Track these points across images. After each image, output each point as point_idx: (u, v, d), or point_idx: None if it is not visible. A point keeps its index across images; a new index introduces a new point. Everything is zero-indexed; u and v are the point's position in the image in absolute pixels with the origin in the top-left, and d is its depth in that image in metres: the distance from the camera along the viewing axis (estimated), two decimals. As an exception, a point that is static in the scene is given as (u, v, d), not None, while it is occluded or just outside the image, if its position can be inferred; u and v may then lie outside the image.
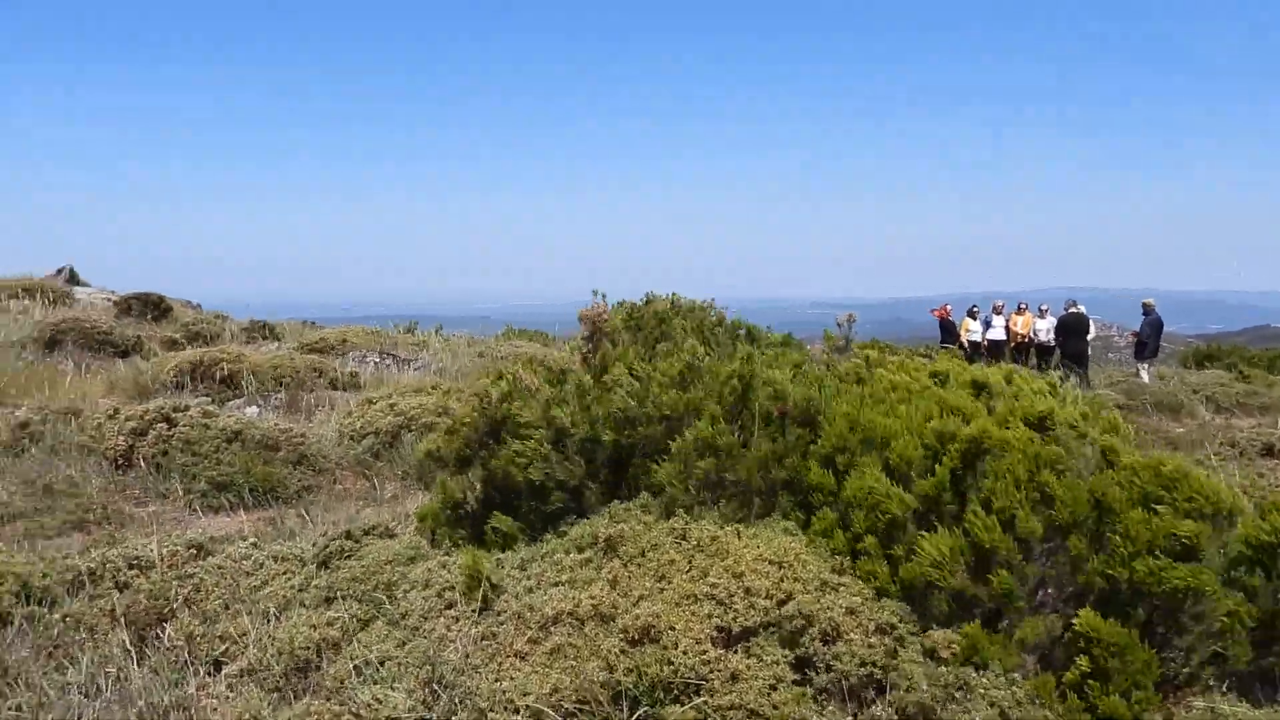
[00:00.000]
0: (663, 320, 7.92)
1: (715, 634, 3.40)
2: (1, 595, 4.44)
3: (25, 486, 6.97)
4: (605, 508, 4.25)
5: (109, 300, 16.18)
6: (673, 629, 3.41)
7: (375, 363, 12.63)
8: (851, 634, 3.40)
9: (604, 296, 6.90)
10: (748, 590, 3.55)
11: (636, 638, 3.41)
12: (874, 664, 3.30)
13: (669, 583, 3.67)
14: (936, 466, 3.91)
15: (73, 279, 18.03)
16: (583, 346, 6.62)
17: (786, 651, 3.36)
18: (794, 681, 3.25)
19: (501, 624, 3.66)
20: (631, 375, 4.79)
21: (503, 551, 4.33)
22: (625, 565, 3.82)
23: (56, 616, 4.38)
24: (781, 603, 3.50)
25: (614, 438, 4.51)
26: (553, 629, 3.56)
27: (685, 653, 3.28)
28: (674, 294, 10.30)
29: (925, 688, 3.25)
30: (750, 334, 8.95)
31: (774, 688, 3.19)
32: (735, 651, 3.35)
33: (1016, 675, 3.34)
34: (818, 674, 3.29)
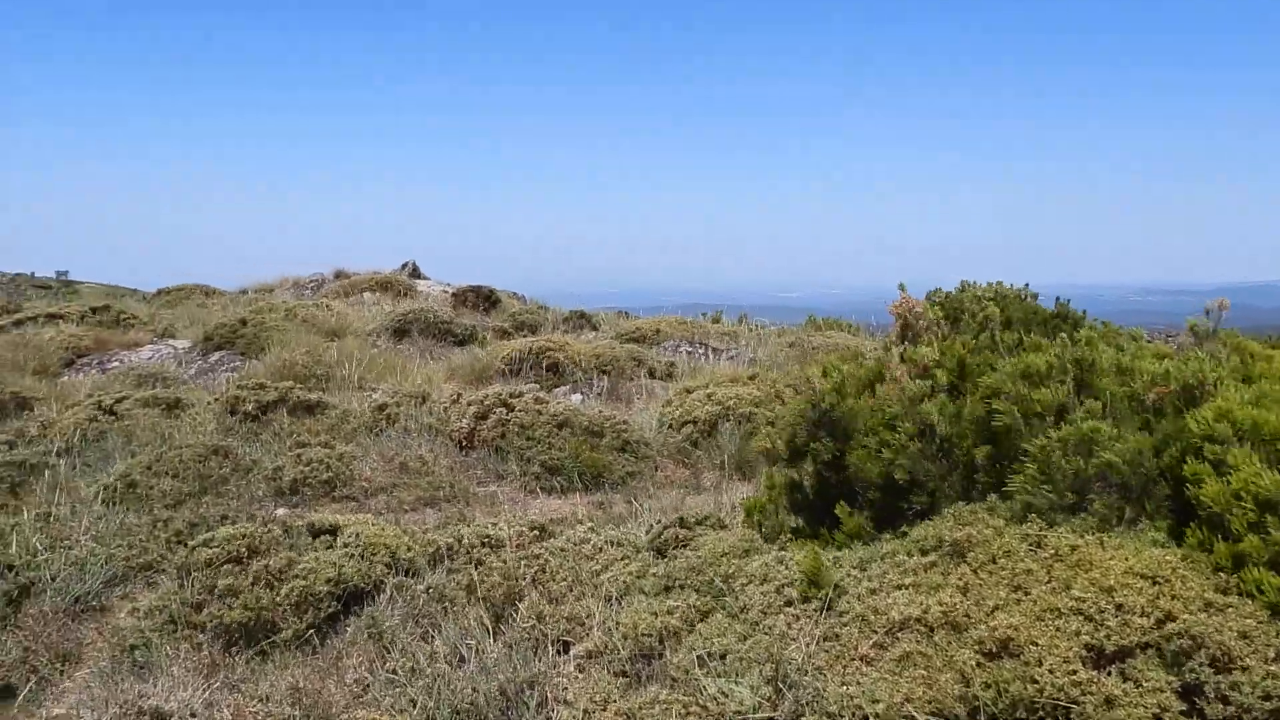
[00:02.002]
0: (983, 310, 7.50)
1: (1084, 653, 3.14)
2: (376, 565, 4.87)
3: (384, 463, 7.65)
4: (949, 509, 4.05)
5: (446, 292, 17.52)
6: (1034, 644, 3.18)
7: (688, 352, 12.87)
8: (1247, 660, 3.03)
9: (916, 290, 6.62)
10: (1119, 607, 3.25)
11: (994, 650, 3.20)
12: (1281, 699, 2.92)
13: (1026, 594, 3.43)
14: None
15: (415, 273, 19.69)
16: (897, 342, 6.38)
17: (1170, 677, 3.04)
18: (1181, 712, 2.94)
19: (844, 625, 3.56)
20: (965, 371, 4.54)
21: (839, 550, 4.23)
22: (975, 572, 3.62)
23: (421, 588, 4.74)
24: (1160, 622, 3.17)
25: (973, 439, 4.28)
26: (899, 634, 3.42)
27: (1051, 671, 3.05)
28: (998, 282, 9.75)
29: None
30: (1075, 322, 8.31)
31: (1158, 717, 2.89)
32: (1108, 673, 3.07)
33: None
34: (1209, 704, 2.95)
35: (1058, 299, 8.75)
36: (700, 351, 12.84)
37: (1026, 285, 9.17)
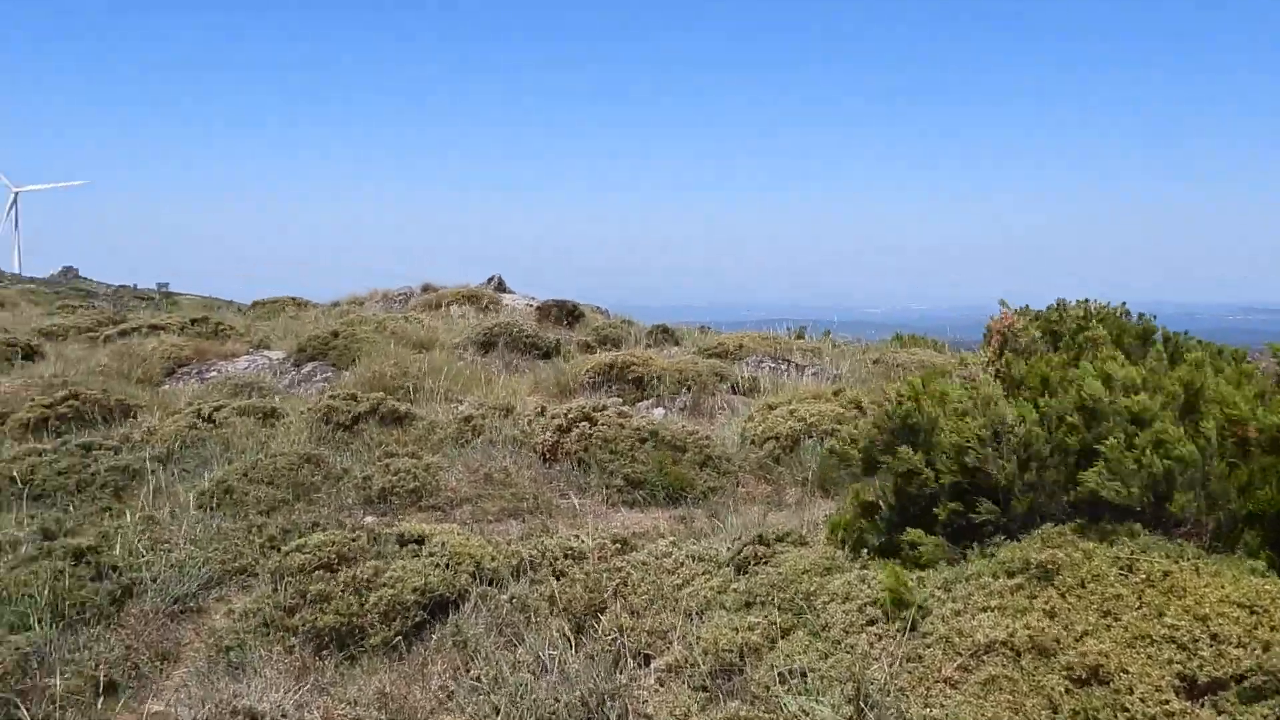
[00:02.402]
0: (1082, 328, 7.33)
1: (1177, 683, 3.06)
2: (461, 574, 4.96)
3: (469, 474, 7.77)
4: (1037, 530, 3.98)
5: (530, 306, 17.74)
6: (1125, 672, 3.11)
7: (770, 368, 12.81)
8: (1353, 699, 2.93)
9: (1012, 306, 6.51)
10: (1214, 636, 3.17)
11: (1083, 677, 3.15)
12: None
13: (1117, 619, 3.36)
14: None
15: (501, 287, 19.98)
16: (992, 359, 6.28)
17: (1265, 711, 2.95)
18: (1279, 748, 2.85)
19: (928, 646, 3.53)
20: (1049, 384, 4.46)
21: (921, 569, 4.18)
22: (1063, 596, 3.55)
23: (504, 597, 4.82)
24: (1258, 654, 3.08)
25: (1048, 448, 4.21)
26: (985, 658, 3.38)
27: (1142, 700, 2.98)
28: (1093, 300, 9.51)
29: None
30: (1173, 342, 8.06)
31: (1255, 753, 2.81)
32: (1202, 705, 3.00)
33: None
34: (1309, 742, 2.86)
35: (1140, 314, 8.52)
36: (783, 367, 12.78)
37: (1124, 304, 8.94)
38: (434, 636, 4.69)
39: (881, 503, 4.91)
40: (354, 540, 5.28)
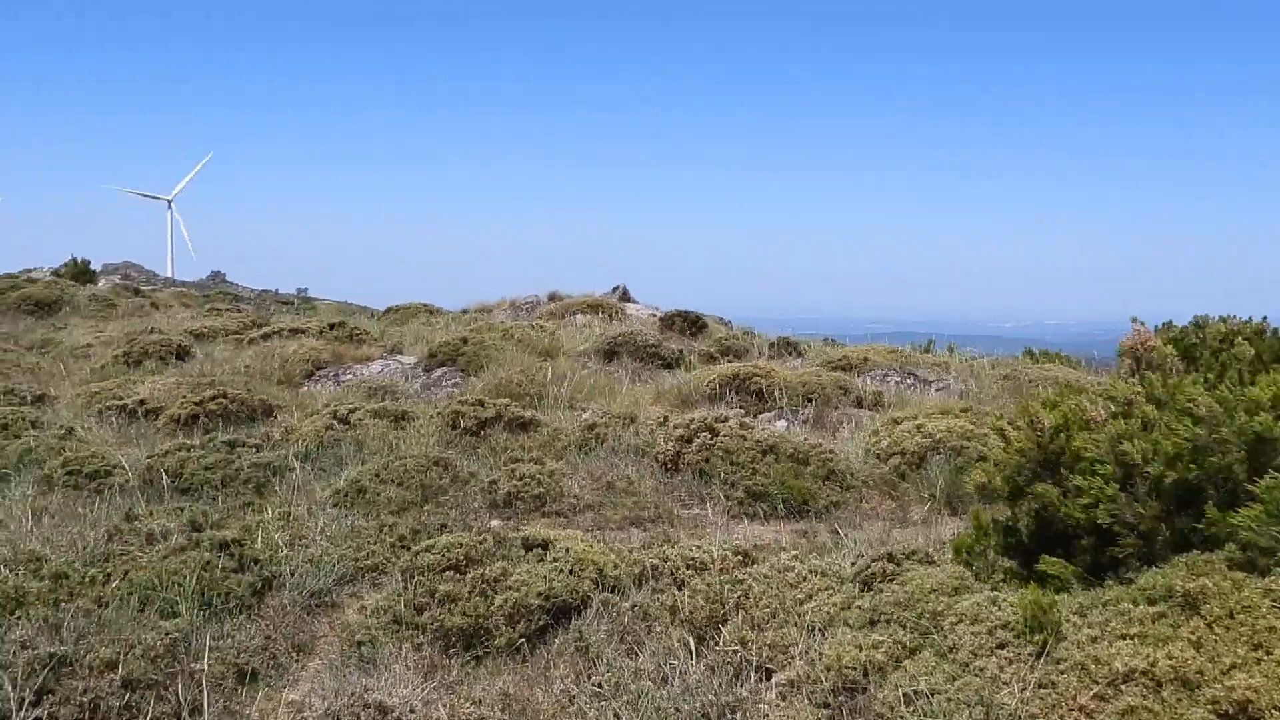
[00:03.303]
0: (1225, 346, 6.99)
1: (1335, 724, 2.89)
2: (584, 580, 5.02)
3: (592, 481, 7.86)
4: (1179, 556, 3.81)
5: (654, 316, 17.85)
6: (1276, 709, 2.96)
7: (896, 382, 12.59)
8: None
9: (1143, 324, 6.24)
10: (1377, 677, 2.98)
11: (1230, 712, 3.00)
12: None
13: (1269, 654, 3.19)
14: None
15: (625, 296, 20.16)
16: (1127, 378, 6.02)
17: None
18: None
19: (1062, 673, 3.41)
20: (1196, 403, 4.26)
21: (1055, 593, 4.05)
22: (1210, 626, 3.39)
23: (626, 605, 4.85)
24: None
25: (1177, 475, 4.04)
26: (1123, 687, 3.25)
27: (1296, 740, 2.83)
28: (1233, 317, 9.06)
29: None
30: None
31: None
32: (1363, 749, 2.82)
33: None
34: None
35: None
36: (909, 381, 12.54)
37: (1265, 318, 8.49)
38: (557, 641, 4.75)
39: (1018, 525, 4.78)
40: (480, 543, 5.40)
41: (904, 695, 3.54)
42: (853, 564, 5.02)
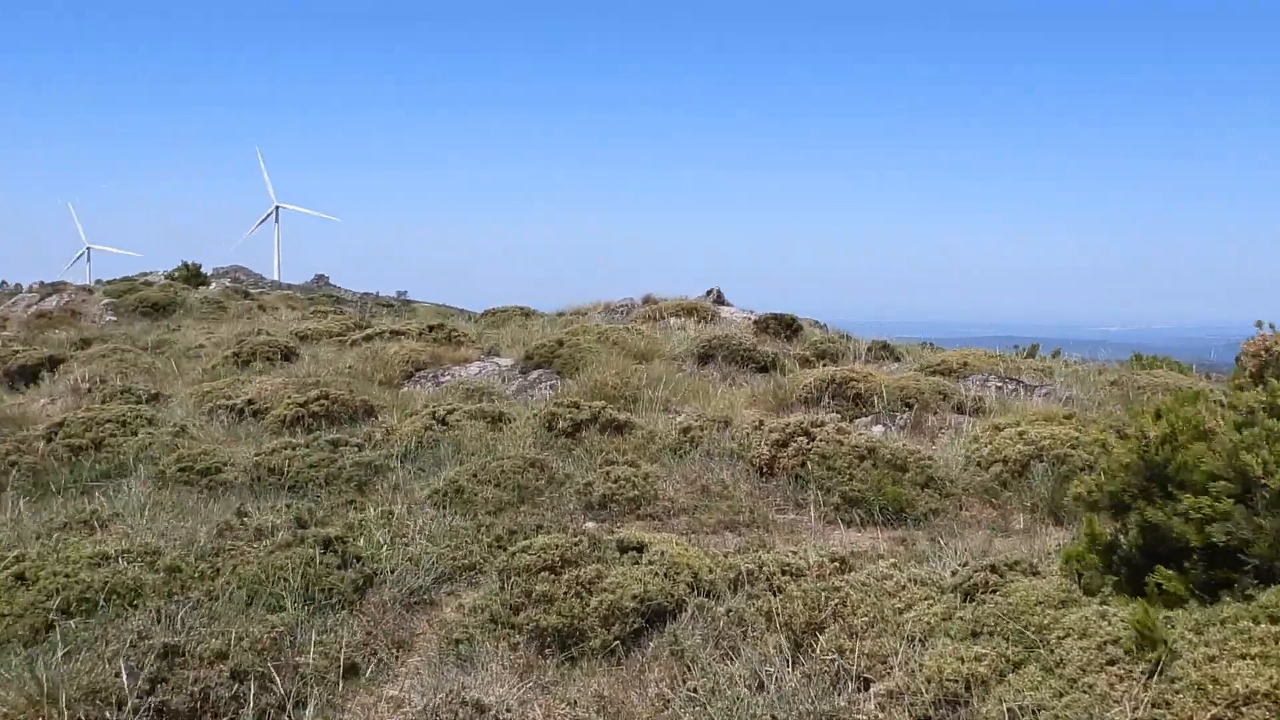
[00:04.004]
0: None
1: None
2: (679, 584, 5.02)
3: (686, 484, 7.84)
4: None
5: (748, 319, 17.74)
6: None
7: (997, 387, 12.29)
8: None
9: (1271, 326, 5.96)
10: None
11: (1360, 740, 2.84)
12: None
13: (1403, 679, 3.02)
14: None
15: (719, 300, 20.10)
16: (1250, 385, 5.77)
17: None
18: None
19: (1177, 693, 3.28)
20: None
21: (1169, 609, 3.89)
22: (1338, 648, 3.23)
23: (721, 609, 4.83)
24: None
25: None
26: (1244, 709, 3.12)
27: None
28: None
29: None
30: None
31: None
32: None
33: None
34: None
35: None
36: (1011, 387, 12.23)
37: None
38: (651, 644, 4.75)
39: (1124, 538, 4.62)
40: (576, 544, 5.43)
41: (1008, 710, 3.44)
42: (953, 573, 4.91)
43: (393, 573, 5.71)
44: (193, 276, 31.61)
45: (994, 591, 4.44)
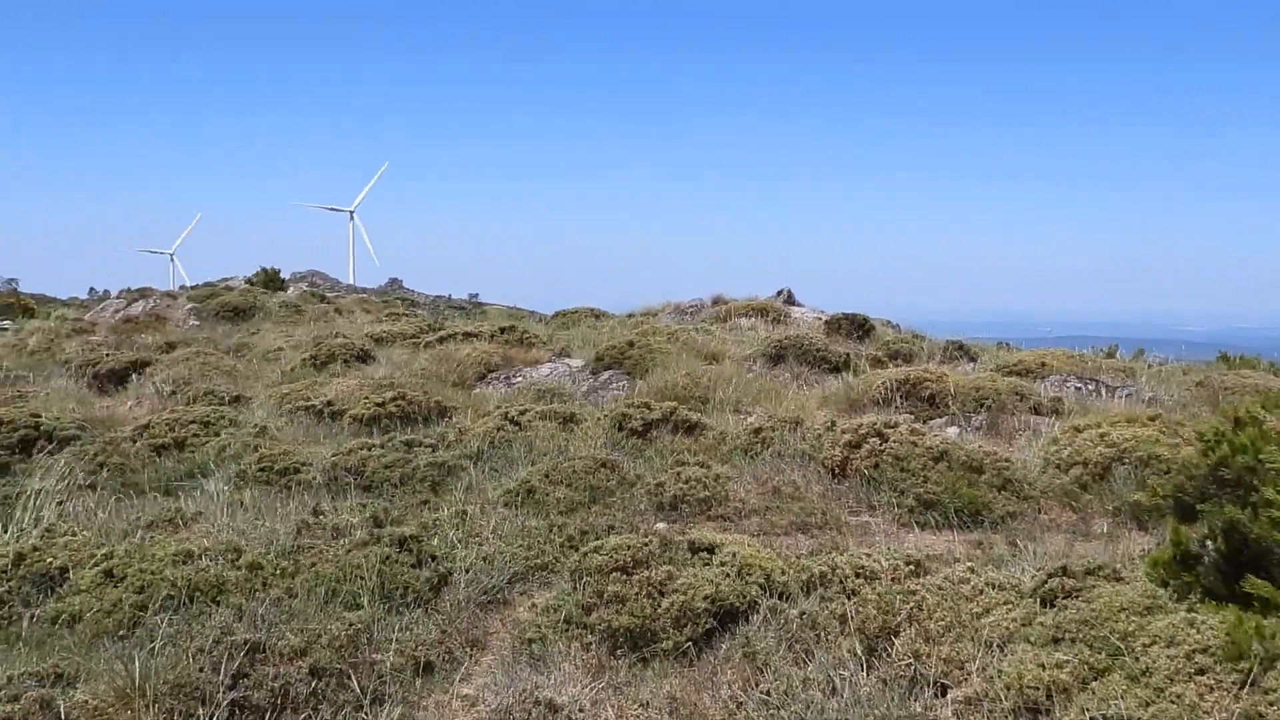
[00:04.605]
0: None
1: None
2: (750, 586, 4.98)
3: (758, 486, 7.80)
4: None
5: (819, 319, 17.61)
6: None
7: (1076, 388, 12.01)
8: None
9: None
10: None
11: None
12: None
13: None
14: None
15: (790, 300, 19.98)
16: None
17: None
18: None
19: (1271, 705, 3.17)
20: None
21: (1263, 617, 3.76)
22: None
23: (794, 612, 4.79)
24: None
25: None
26: (1342, 723, 2.99)
27: None
28: None
29: None
30: None
31: None
32: None
33: None
34: None
35: None
36: (1090, 388, 11.95)
37: None
38: (723, 646, 4.73)
39: (1208, 544, 4.48)
40: (647, 545, 5.43)
41: (1091, 719, 3.35)
42: (1032, 578, 4.80)
43: (466, 572, 5.77)
44: (271, 281, 32.32)
45: (1075, 597, 4.33)
